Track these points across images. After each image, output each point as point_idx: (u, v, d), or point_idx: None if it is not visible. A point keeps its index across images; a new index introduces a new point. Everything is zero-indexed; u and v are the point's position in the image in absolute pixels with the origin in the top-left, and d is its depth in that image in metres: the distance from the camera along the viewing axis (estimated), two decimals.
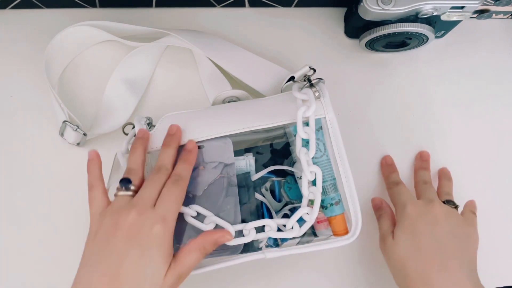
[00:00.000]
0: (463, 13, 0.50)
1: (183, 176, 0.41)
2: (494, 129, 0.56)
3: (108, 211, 0.38)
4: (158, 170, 0.40)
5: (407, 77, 0.57)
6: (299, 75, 0.46)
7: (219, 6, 0.57)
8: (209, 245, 0.39)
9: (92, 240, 0.37)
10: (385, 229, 0.47)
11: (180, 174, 0.40)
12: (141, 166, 0.41)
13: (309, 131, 0.42)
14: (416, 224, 0.44)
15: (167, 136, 0.43)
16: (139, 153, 0.42)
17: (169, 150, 0.42)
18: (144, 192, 0.39)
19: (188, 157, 0.42)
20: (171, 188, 0.39)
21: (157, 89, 0.54)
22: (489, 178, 0.54)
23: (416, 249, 0.42)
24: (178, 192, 0.39)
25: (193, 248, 0.38)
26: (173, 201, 0.39)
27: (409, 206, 0.45)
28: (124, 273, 0.35)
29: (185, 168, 0.41)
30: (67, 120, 0.48)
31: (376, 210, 0.50)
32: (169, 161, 0.41)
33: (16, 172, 0.50)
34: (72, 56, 0.54)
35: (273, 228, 0.41)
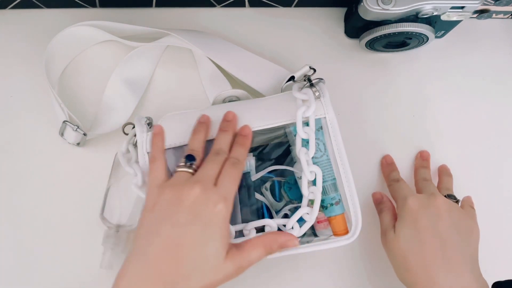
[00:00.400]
0: (463, 13, 0.50)
1: (241, 160, 0.40)
2: (494, 129, 0.56)
3: (168, 184, 0.38)
4: (216, 153, 0.40)
5: (407, 77, 0.57)
6: (299, 75, 0.46)
7: (219, 6, 0.57)
8: (275, 246, 0.38)
9: (151, 212, 0.37)
10: (386, 223, 0.47)
11: (237, 158, 0.40)
12: (202, 148, 0.41)
13: (309, 131, 0.42)
14: (418, 217, 0.43)
15: (224, 121, 0.43)
16: (201, 136, 0.42)
17: (226, 135, 0.42)
18: (206, 170, 0.39)
19: (245, 142, 0.42)
20: (230, 170, 0.39)
21: (157, 89, 0.54)
22: (489, 177, 0.54)
23: (418, 242, 0.42)
24: (236, 174, 0.39)
25: (260, 244, 0.38)
26: (232, 182, 0.39)
27: (410, 199, 0.45)
28: (185, 247, 0.34)
29: (242, 152, 0.41)
30: (67, 120, 0.48)
31: (377, 205, 0.50)
32: (227, 145, 0.41)
33: (16, 172, 0.50)
34: (72, 56, 0.54)
35: (273, 228, 0.41)
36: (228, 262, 0.36)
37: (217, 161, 0.40)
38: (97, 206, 0.47)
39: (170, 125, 0.44)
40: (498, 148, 0.55)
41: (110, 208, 0.47)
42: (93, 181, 0.49)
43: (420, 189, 0.49)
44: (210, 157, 0.40)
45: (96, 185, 0.49)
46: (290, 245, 0.39)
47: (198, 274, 0.34)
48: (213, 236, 0.35)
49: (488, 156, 0.55)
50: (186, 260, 0.34)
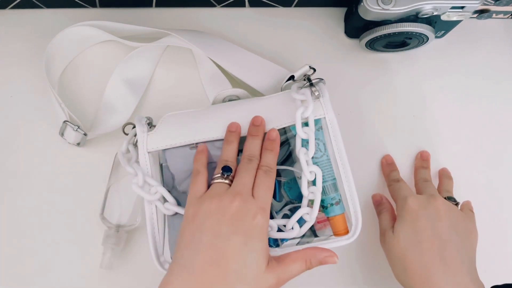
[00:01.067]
0: (463, 13, 0.50)
1: (272, 166, 0.41)
2: (495, 129, 0.56)
3: (207, 196, 0.38)
4: (249, 160, 0.41)
5: (407, 77, 0.57)
6: (299, 75, 0.46)
7: (219, 6, 0.57)
8: (315, 262, 0.38)
9: (192, 223, 0.37)
10: (385, 224, 0.47)
11: (269, 165, 0.41)
12: (235, 158, 0.41)
13: (309, 131, 0.42)
14: (417, 218, 0.43)
15: (252, 126, 0.43)
16: (233, 147, 0.42)
17: (255, 140, 0.42)
18: (243, 180, 0.39)
19: (274, 147, 0.42)
20: (265, 179, 0.39)
21: (157, 89, 0.54)
22: (489, 178, 0.54)
23: (416, 243, 0.42)
24: (270, 183, 0.40)
25: (300, 258, 0.38)
26: (268, 192, 0.39)
27: (410, 199, 0.45)
28: (229, 258, 0.34)
29: (273, 158, 0.42)
30: (67, 120, 0.48)
31: (376, 206, 0.50)
32: (258, 150, 0.42)
33: (16, 172, 0.50)
34: (72, 56, 0.54)
35: (273, 228, 0.41)
36: (269, 274, 0.36)
37: (251, 169, 0.40)
38: (97, 206, 0.47)
39: (170, 125, 0.44)
40: (498, 148, 0.55)
41: (110, 208, 0.47)
42: (93, 181, 0.49)
43: (420, 190, 0.49)
44: (243, 165, 0.40)
45: (96, 185, 0.49)
46: (329, 262, 0.39)
47: (241, 286, 0.34)
48: (255, 247, 0.36)
49: (488, 156, 0.55)
50: (230, 271, 0.34)
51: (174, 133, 0.43)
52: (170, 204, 0.41)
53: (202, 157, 0.42)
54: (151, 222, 0.41)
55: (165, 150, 0.43)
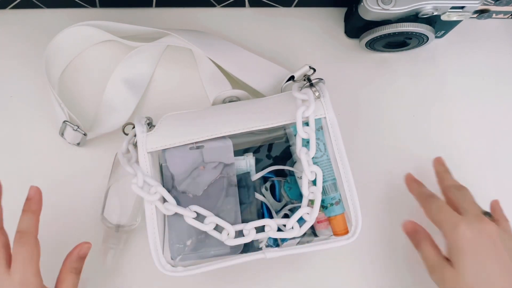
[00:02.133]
0: (463, 13, 0.50)
1: (27, 230, 0.39)
2: (494, 129, 0.56)
3: None
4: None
5: (407, 77, 0.57)
6: (299, 75, 0.46)
7: (219, 6, 0.57)
8: (75, 263, 0.40)
9: None
10: (433, 257, 0.42)
11: (22, 229, 0.39)
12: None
13: (309, 131, 0.42)
14: (477, 249, 0.39)
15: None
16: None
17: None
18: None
19: (30, 206, 0.40)
20: (19, 248, 0.38)
21: (157, 89, 0.54)
22: (489, 178, 0.54)
23: (486, 276, 0.39)
24: (27, 252, 0.38)
25: (64, 274, 0.40)
26: (26, 262, 0.37)
27: (462, 226, 0.40)
28: None
29: (28, 220, 0.39)
30: (67, 120, 0.48)
31: (412, 236, 0.45)
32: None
33: (16, 172, 0.50)
34: (72, 56, 0.54)
35: (273, 228, 0.41)
36: None
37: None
38: (97, 206, 0.47)
39: (170, 125, 0.44)
40: (498, 148, 0.55)
41: (110, 208, 0.47)
42: (93, 181, 0.49)
43: (453, 200, 0.45)
44: None
45: (96, 185, 0.49)
46: (85, 251, 0.41)
47: None
48: None
49: (488, 155, 0.55)
50: None
51: (174, 133, 0.43)
52: (169, 204, 0.41)
53: None
54: (151, 222, 0.41)
55: (164, 150, 0.43)
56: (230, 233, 0.41)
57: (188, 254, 0.41)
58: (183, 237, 0.41)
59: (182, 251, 0.41)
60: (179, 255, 0.41)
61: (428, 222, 0.44)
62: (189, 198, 0.42)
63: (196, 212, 0.41)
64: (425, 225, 0.46)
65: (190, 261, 0.42)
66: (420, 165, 0.54)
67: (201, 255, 0.42)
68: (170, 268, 0.41)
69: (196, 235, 0.42)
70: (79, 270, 0.41)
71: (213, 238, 0.41)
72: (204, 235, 0.42)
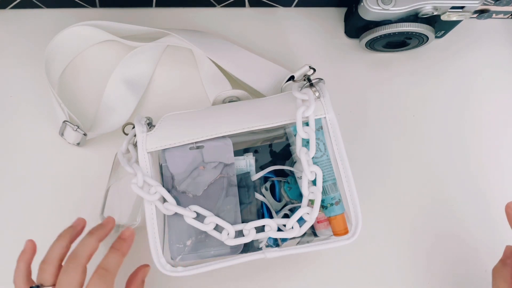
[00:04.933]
0: (463, 13, 0.50)
1: (111, 269, 0.38)
2: (494, 129, 0.56)
3: None
4: (73, 259, 0.37)
5: (407, 77, 0.57)
6: (299, 75, 0.46)
7: (219, 6, 0.57)
8: (140, 285, 0.41)
9: None
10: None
11: (106, 267, 0.38)
12: (57, 260, 0.38)
13: (309, 131, 0.42)
14: None
15: (96, 228, 0.40)
16: (61, 244, 0.39)
17: (92, 237, 0.39)
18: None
19: (122, 246, 0.40)
20: (97, 286, 0.36)
21: (157, 89, 0.54)
22: (489, 178, 0.54)
23: None
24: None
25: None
26: None
27: None
28: None
29: (116, 260, 0.39)
30: (67, 120, 0.48)
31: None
32: (88, 250, 0.38)
33: (16, 172, 0.50)
34: (72, 56, 0.54)
35: (273, 228, 0.41)
36: None
37: (73, 270, 0.37)
38: (97, 206, 0.47)
39: (170, 125, 0.44)
40: (497, 148, 0.55)
41: (110, 208, 0.47)
42: (93, 181, 0.49)
43: None
44: (64, 267, 0.37)
45: (96, 185, 0.49)
46: (146, 272, 0.41)
47: None
48: None
49: (488, 156, 0.55)
50: None
51: (174, 133, 0.43)
52: (169, 204, 0.41)
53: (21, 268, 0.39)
54: (151, 222, 0.41)
55: (164, 150, 0.43)
56: (230, 233, 0.41)
57: (188, 254, 0.41)
58: (183, 237, 0.41)
59: (182, 251, 0.41)
60: (179, 255, 0.41)
61: None
62: (189, 198, 0.42)
63: (196, 212, 0.41)
64: None
65: (190, 261, 0.42)
66: (420, 165, 0.54)
67: (201, 255, 0.42)
68: (170, 268, 0.41)
69: (196, 235, 0.42)
70: None
71: (213, 238, 0.41)
72: (204, 235, 0.42)
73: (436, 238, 0.51)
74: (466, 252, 0.51)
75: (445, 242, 0.51)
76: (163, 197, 0.42)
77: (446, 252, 0.51)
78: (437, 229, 0.51)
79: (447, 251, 0.51)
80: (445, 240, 0.51)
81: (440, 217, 0.52)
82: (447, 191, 0.53)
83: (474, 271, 0.50)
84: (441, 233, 0.51)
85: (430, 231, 0.51)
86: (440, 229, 0.51)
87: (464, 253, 0.51)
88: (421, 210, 0.52)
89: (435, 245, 0.51)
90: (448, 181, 0.53)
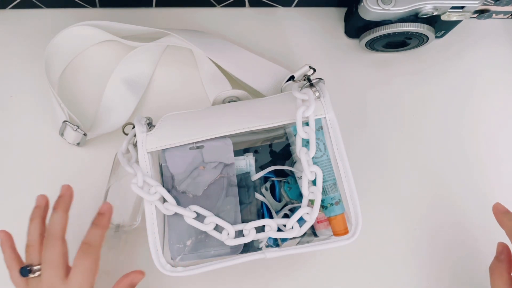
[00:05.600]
0: (463, 13, 0.50)
1: (94, 243, 0.40)
2: (494, 129, 0.56)
3: None
4: (49, 236, 0.40)
5: (407, 77, 0.57)
6: (299, 75, 0.46)
7: (219, 6, 0.57)
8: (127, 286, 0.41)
9: None
10: None
11: (90, 242, 0.40)
12: (38, 237, 0.40)
13: (309, 131, 0.42)
14: None
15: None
16: (35, 225, 0.41)
17: (59, 212, 0.41)
18: (50, 271, 0.38)
19: (101, 221, 0.41)
20: (82, 260, 0.39)
21: (157, 89, 0.54)
22: (489, 178, 0.54)
23: None
24: (89, 264, 0.39)
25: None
26: (85, 275, 0.38)
27: None
28: None
29: (97, 234, 0.40)
30: (67, 120, 0.48)
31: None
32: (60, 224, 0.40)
33: (16, 172, 0.50)
34: (72, 56, 0.54)
35: (273, 228, 0.41)
36: None
37: (55, 246, 0.39)
38: (97, 206, 0.47)
39: (170, 125, 0.44)
40: (497, 148, 0.55)
41: None
42: (93, 181, 0.49)
43: None
44: (46, 244, 0.39)
45: (96, 185, 0.49)
46: (138, 281, 0.41)
47: None
48: None
49: (488, 155, 0.55)
50: None
51: (174, 133, 0.43)
52: (169, 204, 0.41)
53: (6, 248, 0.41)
54: (151, 222, 0.41)
55: (164, 150, 0.43)
56: (230, 233, 0.41)
57: (188, 254, 0.41)
58: (183, 237, 0.41)
59: (182, 251, 0.41)
60: (179, 255, 0.41)
61: None
62: (189, 198, 0.42)
63: (196, 212, 0.41)
64: None
65: (190, 261, 0.42)
66: (420, 164, 0.54)
67: (201, 255, 0.42)
68: (170, 268, 0.41)
69: (196, 235, 0.42)
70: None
71: (213, 238, 0.41)
72: (204, 235, 0.42)
73: (436, 238, 0.51)
74: (466, 252, 0.51)
75: (445, 242, 0.51)
76: (163, 197, 0.42)
77: (446, 252, 0.51)
78: (437, 229, 0.51)
79: (447, 251, 0.51)
80: (445, 240, 0.51)
81: (440, 217, 0.52)
82: (447, 191, 0.53)
83: (474, 270, 0.50)
84: (441, 233, 0.51)
85: (430, 231, 0.51)
86: (440, 229, 0.51)
87: (464, 253, 0.51)
88: (421, 209, 0.52)
89: (435, 245, 0.51)
90: (448, 181, 0.53)
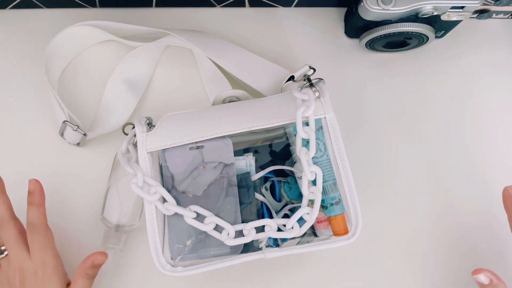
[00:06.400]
0: (463, 13, 0.50)
1: (36, 222, 0.42)
2: (494, 129, 0.56)
3: None
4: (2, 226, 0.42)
5: (407, 77, 0.57)
6: (299, 75, 0.46)
7: (219, 6, 0.57)
8: (89, 269, 0.42)
9: None
10: None
11: (32, 222, 0.42)
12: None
13: (309, 131, 0.42)
14: None
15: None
16: None
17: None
18: (14, 252, 0.41)
19: (34, 199, 0.43)
20: (34, 238, 0.41)
21: (157, 89, 0.54)
22: (490, 178, 0.54)
23: None
24: (41, 240, 0.42)
25: (78, 277, 0.42)
26: (41, 249, 0.41)
27: None
28: None
29: (35, 213, 0.42)
30: (67, 120, 0.48)
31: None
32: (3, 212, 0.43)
33: (16, 172, 0.50)
34: (72, 56, 0.54)
35: (273, 228, 0.41)
36: None
37: (12, 234, 0.42)
38: (97, 206, 0.47)
39: (170, 125, 0.44)
40: (497, 148, 0.55)
41: (110, 208, 0.47)
42: (93, 181, 0.49)
43: None
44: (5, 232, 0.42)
45: (96, 185, 0.49)
46: (99, 262, 0.43)
47: None
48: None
49: (488, 155, 0.55)
50: None
51: (174, 133, 0.43)
52: (169, 204, 0.41)
53: None
54: (151, 222, 0.41)
55: (164, 150, 0.43)
56: (230, 233, 0.41)
57: (188, 254, 0.41)
58: (183, 237, 0.41)
59: (182, 251, 0.41)
60: (179, 255, 0.41)
61: None
62: (189, 198, 0.42)
63: (196, 212, 0.41)
64: None
65: (190, 261, 0.42)
66: (420, 164, 0.54)
67: (201, 255, 0.42)
68: (170, 268, 0.41)
69: (196, 235, 0.42)
70: (93, 276, 0.43)
71: (213, 238, 0.41)
72: (204, 235, 0.42)
73: (436, 238, 0.51)
74: (467, 251, 0.51)
75: (445, 241, 0.51)
76: (163, 197, 0.42)
77: (446, 252, 0.51)
78: (437, 229, 0.51)
79: (447, 251, 0.51)
80: (445, 239, 0.51)
81: (440, 217, 0.52)
82: (447, 191, 0.53)
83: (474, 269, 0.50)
84: (441, 233, 0.51)
85: (431, 231, 0.51)
86: (440, 229, 0.51)
87: (465, 253, 0.51)
88: (421, 209, 0.52)
89: (436, 245, 0.51)
90: (448, 181, 0.53)
